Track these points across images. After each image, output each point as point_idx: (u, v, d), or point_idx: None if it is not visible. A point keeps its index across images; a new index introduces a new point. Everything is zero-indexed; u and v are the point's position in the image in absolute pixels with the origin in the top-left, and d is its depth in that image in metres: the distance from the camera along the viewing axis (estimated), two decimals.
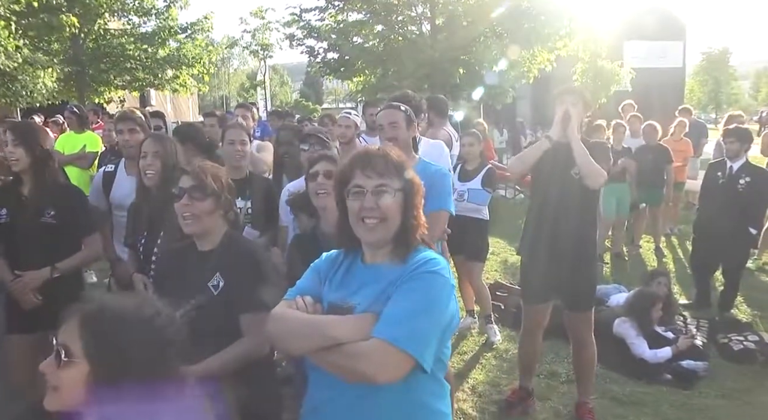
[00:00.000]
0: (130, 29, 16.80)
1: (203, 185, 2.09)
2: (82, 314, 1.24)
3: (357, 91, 17.09)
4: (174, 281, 2.16)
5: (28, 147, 2.94)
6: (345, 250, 1.73)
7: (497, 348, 4.87)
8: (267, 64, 28.13)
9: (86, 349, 1.21)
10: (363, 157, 1.64)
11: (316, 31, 15.24)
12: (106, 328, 1.23)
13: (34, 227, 2.92)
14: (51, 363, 1.22)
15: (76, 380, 1.21)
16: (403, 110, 2.92)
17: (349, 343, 1.46)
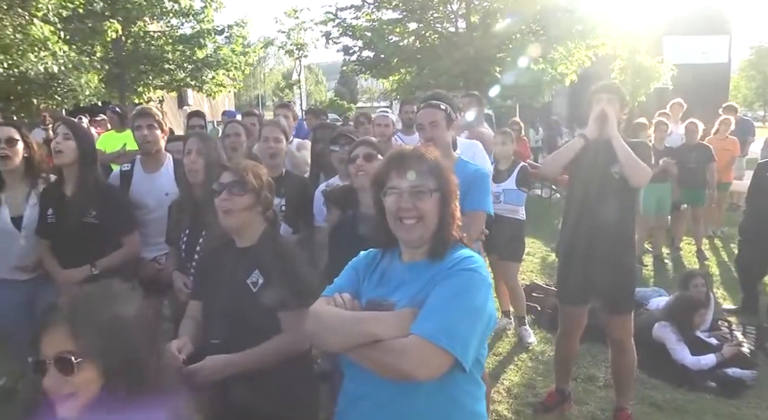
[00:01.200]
0: (168, 31, 17.20)
1: (243, 181, 2.12)
2: (70, 316, 1.24)
3: (392, 89, 17.08)
4: (213, 278, 2.19)
5: (79, 143, 3.04)
6: (383, 249, 1.74)
7: (533, 349, 4.80)
8: (302, 63, 28.36)
9: (90, 346, 1.22)
10: (398, 157, 1.66)
11: (352, 29, 15.27)
12: (98, 320, 1.26)
13: (77, 226, 3.00)
14: (56, 376, 1.21)
15: (90, 379, 1.24)
16: (443, 109, 2.90)
17: (388, 340, 1.46)
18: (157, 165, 3.44)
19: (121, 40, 15.87)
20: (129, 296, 1.37)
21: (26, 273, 3.21)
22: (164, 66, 16.60)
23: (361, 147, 2.70)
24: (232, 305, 2.06)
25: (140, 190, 3.39)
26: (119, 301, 1.33)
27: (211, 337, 2.06)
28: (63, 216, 3.03)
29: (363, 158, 2.62)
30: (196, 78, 17.00)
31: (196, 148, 2.85)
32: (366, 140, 2.80)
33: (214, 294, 2.13)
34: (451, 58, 13.97)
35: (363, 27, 15.16)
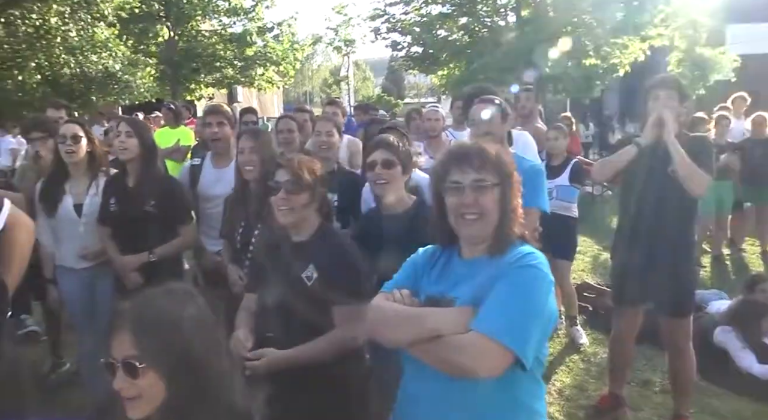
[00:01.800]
0: (219, 30, 17.60)
1: (299, 179, 2.13)
2: (131, 323, 1.26)
3: (440, 85, 16.98)
4: (267, 271, 2.21)
5: (141, 139, 3.19)
6: (442, 245, 1.72)
7: (584, 351, 4.67)
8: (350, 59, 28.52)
9: (152, 354, 1.25)
10: (459, 152, 1.63)
11: (400, 24, 15.24)
12: (157, 328, 1.27)
13: (137, 215, 3.13)
14: (123, 379, 1.24)
15: (155, 384, 1.26)
16: (498, 104, 2.84)
17: (449, 336, 1.45)
18: (226, 160, 3.52)
19: (174, 40, 16.36)
20: (191, 300, 1.37)
21: (87, 261, 3.37)
22: (215, 64, 16.99)
23: (379, 151, 2.57)
24: (287, 299, 2.07)
25: (209, 184, 3.48)
26: (181, 306, 1.33)
27: (266, 330, 2.08)
28: (124, 205, 3.18)
29: (382, 165, 2.53)
30: (246, 75, 17.33)
31: (249, 147, 2.88)
32: (384, 142, 2.61)
33: (269, 287, 2.15)
34: (501, 53, 13.76)
35: (412, 22, 15.10)
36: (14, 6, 10.82)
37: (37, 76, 11.18)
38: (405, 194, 2.59)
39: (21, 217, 2.06)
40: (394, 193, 2.53)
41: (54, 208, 3.33)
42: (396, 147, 2.57)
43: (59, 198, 3.34)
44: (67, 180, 3.38)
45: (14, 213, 2.00)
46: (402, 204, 2.56)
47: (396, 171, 2.52)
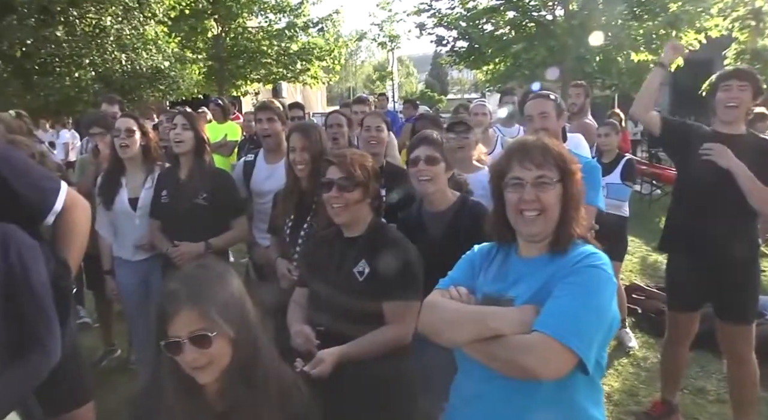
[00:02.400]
0: (266, 26, 17.85)
1: (351, 176, 2.11)
2: (191, 299, 1.36)
3: (486, 80, 16.77)
4: (320, 266, 2.21)
5: (195, 132, 3.26)
6: (499, 243, 1.68)
7: (634, 355, 4.53)
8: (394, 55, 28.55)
9: (218, 320, 1.36)
10: (520, 148, 1.59)
11: (446, 19, 15.10)
12: (217, 296, 1.39)
13: (189, 208, 3.19)
14: (194, 351, 1.35)
15: (224, 348, 1.38)
16: (553, 99, 2.78)
17: (509, 336, 1.42)
18: (279, 156, 3.52)
19: (221, 36, 16.69)
20: (231, 273, 1.48)
21: (142, 253, 3.47)
22: (261, 60, 17.24)
23: (422, 147, 2.52)
24: (338, 294, 2.07)
25: (261, 180, 3.51)
26: (226, 275, 1.45)
27: (316, 324, 2.08)
28: (176, 198, 3.24)
29: (425, 162, 2.48)
30: (291, 70, 17.54)
31: (300, 145, 2.87)
32: (428, 138, 2.56)
33: (321, 282, 2.15)
34: (548, 48, 13.47)
35: (457, 16, 14.93)
36: (73, 7, 11.27)
37: (91, 73, 11.60)
38: (448, 190, 2.55)
39: (78, 198, 2.09)
40: (437, 189, 2.49)
41: (111, 202, 3.42)
42: (439, 143, 2.54)
43: (116, 191, 3.44)
44: (123, 174, 3.47)
45: (72, 194, 2.04)
46: (445, 201, 2.52)
47: (439, 167, 2.48)
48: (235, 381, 1.39)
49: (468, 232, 2.08)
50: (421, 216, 2.57)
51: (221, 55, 16.82)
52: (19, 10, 10.62)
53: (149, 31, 12.50)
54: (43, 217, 1.93)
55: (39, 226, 1.96)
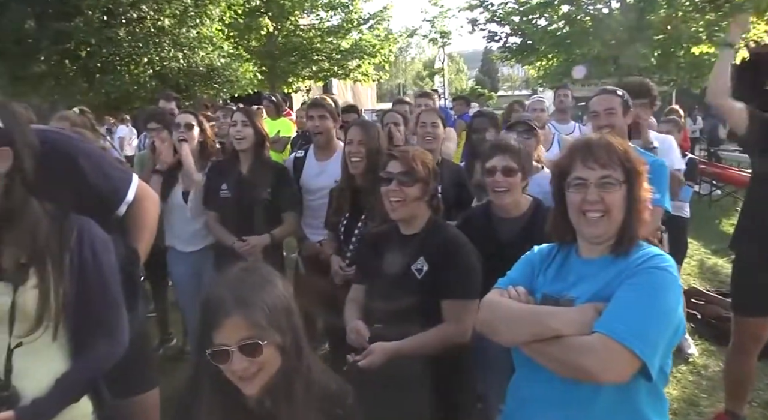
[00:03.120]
0: (317, 24, 18.06)
1: (412, 171, 2.10)
2: (239, 307, 1.30)
3: (538, 76, 16.45)
4: (377, 263, 2.21)
5: (255, 129, 3.32)
6: (559, 243, 1.65)
7: (693, 362, 4.35)
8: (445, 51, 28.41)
9: (267, 327, 1.31)
10: (584, 147, 1.54)
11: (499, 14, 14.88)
12: (266, 303, 1.33)
13: (251, 202, 3.25)
14: (243, 360, 1.29)
15: (273, 355, 1.34)
16: (620, 95, 2.70)
17: (570, 337, 1.38)
18: (329, 153, 3.57)
19: (273, 34, 16.98)
20: (277, 276, 1.44)
21: (194, 244, 3.56)
22: (312, 57, 17.45)
23: (499, 156, 2.44)
24: (396, 291, 2.07)
25: (311, 176, 3.54)
26: (272, 281, 1.40)
27: (374, 322, 2.09)
28: (239, 192, 3.30)
29: (502, 172, 2.41)
30: (342, 67, 17.69)
31: (357, 139, 2.88)
32: (506, 146, 2.47)
33: (378, 279, 2.16)
34: (603, 43, 13.08)
35: (510, 12, 14.69)
36: (134, 9, 11.73)
37: (149, 71, 12.04)
38: (521, 197, 2.49)
39: (148, 190, 2.15)
40: (512, 200, 2.43)
41: (167, 195, 3.52)
42: (517, 151, 2.45)
43: (172, 185, 3.54)
44: (180, 168, 3.56)
45: (143, 186, 2.10)
46: (518, 208, 2.47)
47: (516, 178, 2.41)
48: (279, 388, 1.36)
49: (543, 238, 2.05)
50: (489, 219, 2.51)
51: (274, 52, 17.10)
52: (85, 13, 11.12)
53: (205, 31, 12.86)
54: (116, 208, 1.98)
55: (111, 216, 2.01)
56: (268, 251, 3.27)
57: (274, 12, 16.39)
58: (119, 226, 2.04)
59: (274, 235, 3.29)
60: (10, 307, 1.46)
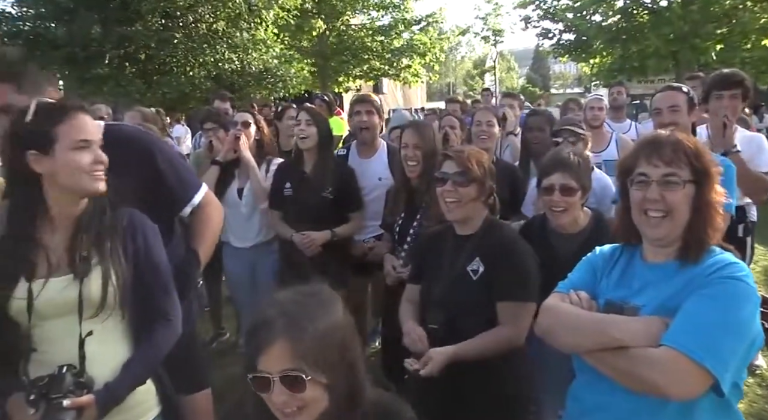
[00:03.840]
0: (369, 23, 18.18)
1: (467, 171, 2.07)
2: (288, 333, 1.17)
3: (591, 73, 16.06)
4: (432, 263, 2.18)
5: (319, 128, 3.29)
6: (622, 245, 1.58)
7: (761, 374, 4.12)
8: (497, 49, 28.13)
9: (315, 362, 1.17)
10: (650, 143, 1.47)
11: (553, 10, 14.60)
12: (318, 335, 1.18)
13: (316, 201, 3.24)
14: (284, 392, 1.16)
15: (319, 396, 1.19)
16: (685, 92, 2.59)
17: (636, 348, 1.32)
18: (372, 151, 3.56)
19: (325, 35, 17.20)
20: (337, 302, 1.28)
21: (249, 240, 3.63)
22: (363, 56, 17.58)
23: (557, 174, 2.30)
24: (451, 292, 2.04)
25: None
26: (333, 310, 1.25)
27: (429, 323, 2.06)
28: (302, 191, 3.31)
29: (560, 192, 2.28)
30: (392, 66, 17.76)
31: (413, 143, 2.85)
32: (565, 163, 2.31)
33: (433, 279, 2.13)
34: (661, 37, 12.62)
35: (564, 8, 14.38)
36: (191, 12, 12.14)
37: (203, 72, 12.40)
38: (580, 214, 2.38)
39: (214, 198, 2.24)
40: (570, 219, 2.34)
41: (224, 192, 3.59)
42: (576, 168, 2.30)
43: (228, 182, 3.61)
44: (237, 165, 3.64)
45: (209, 193, 2.20)
46: (577, 225, 2.37)
47: (575, 198, 2.29)
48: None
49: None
50: (546, 234, 2.43)
51: (325, 52, 17.31)
52: (145, 18, 11.58)
53: (258, 34, 13.17)
54: (180, 209, 2.08)
55: (175, 216, 2.12)
56: (334, 249, 3.27)
57: (325, 12, 16.59)
58: (183, 228, 2.11)
59: (336, 232, 3.26)
60: (78, 298, 1.54)
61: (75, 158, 1.54)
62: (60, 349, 1.54)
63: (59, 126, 1.52)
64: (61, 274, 1.55)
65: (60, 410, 1.42)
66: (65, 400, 1.43)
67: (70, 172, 1.54)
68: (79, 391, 1.47)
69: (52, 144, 1.52)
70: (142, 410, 1.69)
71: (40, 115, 1.52)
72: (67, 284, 1.54)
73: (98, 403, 1.49)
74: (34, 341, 1.55)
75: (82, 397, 1.47)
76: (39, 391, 1.44)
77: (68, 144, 1.53)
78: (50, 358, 1.52)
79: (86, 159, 1.56)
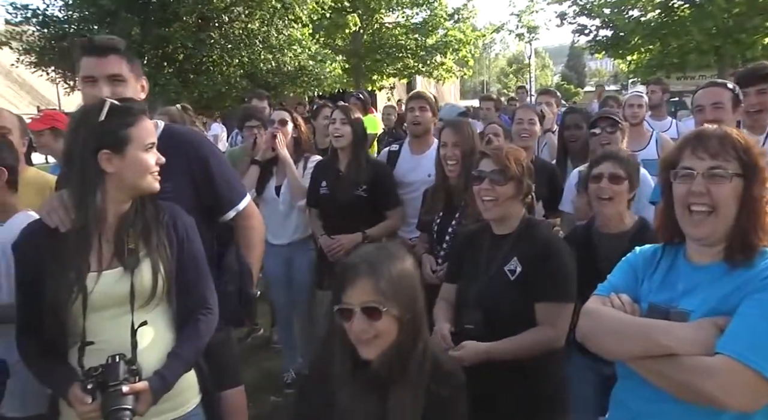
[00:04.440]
0: (402, 21, 18.20)
1: (505, 169, 2.04)
2: (371, 271, 1.40)
3: (629, 71, 15.73)
4: (467, 262, 2.17)
5: (353, 127, 3.34)
6: (663, 246, 1.51)
7: None
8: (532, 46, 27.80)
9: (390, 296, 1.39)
10: (696, 136, 1.41)
11: (589, 7, 14.34)
12: (396, 275, 1.42)
13: (349, 199, 3.28)
14: (364, 321, 1.39)
15: (390, 326, 1.40)
16: (730, 88, 2.53)
17: (686, 356, 1.26)
18: (424, 147, 3.56)
19: (359, 33, 17.27)
20: (409, 258, 1.51)
21: (285, 237, 3.68)
22: (397, 54, 17.60)
23: (607, 163, 2.35)
24: (488, 292, 2.02)
25: (405, 170, 3.55)
26: (403, 259, 1.48)
27: (465, 322, 2.04)
28: (336, 189, 3.35)
29: (608, 179, 2.31)
30: (426, 63, 17.74)
31: (452, 141, 2.85)
32: (614, 154, 2.38)
33: (470, 279, 2.11)
34: (703, 31, 12.25)
35: (601, 4, 14.10)
36: (227, 13, 12.34)
37: (239, 72, 12.59)
38: (627, 213, 2.37)
39: (256, 210, 2.33)
40: (616, 211, 2.33)
41: (262, 189, 3.67)
42: (625, 160, 2.35)
43: (267, 179, 3.68)
44: (275, 163, 3.70)
45: (252, 204, 2.28)
46: (622, 224, 2.35)
47: (622, 187, 2.31)
48: (394, 362, 1.42)
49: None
50: (590, 235, 2.41)
51: (359, 50, 17.39)
52: (182, 19, 11.84)
53: (294, 33, 13.30)
54: (225, 211, 2.16)
55: (218, 218, 2.17)
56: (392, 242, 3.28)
57: (360, 9, 16.66)
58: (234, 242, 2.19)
59: (369, 233, 3.29)
60: (129, 289, 1.61)
61: (143, 159, 1.64)
62: (111, 339, 1.61)
63: (132, 128, 1.61)
64: (112, 267, 1.63)
65: (119, 397, 1.49)
66: (123, 387, 1.49)
67: (138, 172, 1.63)
68: (132, 378, 1.54)
69: (125, 145, 1.60)
70: (186, 398, 1.76)
71: (114, 117, 1.60)
72: (119, 277, 1.62)
73: (152, 389, 1.57)
74: (88, 333, 1.62)
75: (138, 383, 1.54)
76: (96, 381, 1.50)
77: (139, 145, 1.62)
78: (102, 349, 1.59)
79: (152, 160, 1.66)
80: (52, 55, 12.79)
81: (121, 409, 1.47)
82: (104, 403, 1.48)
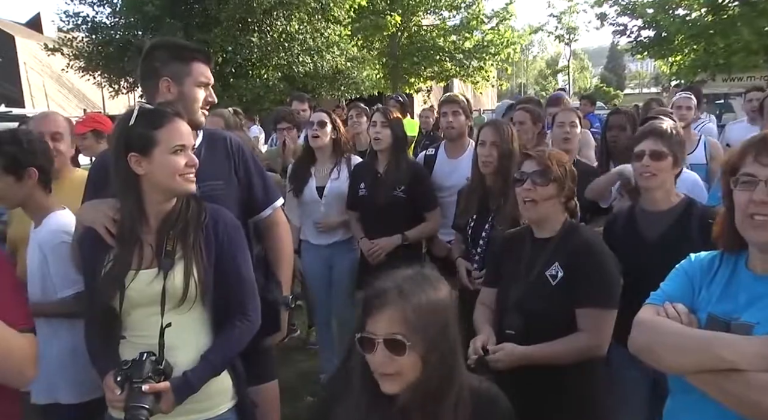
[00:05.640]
0: (440, 24, 18.17)
1: (547, 170, 2.01)
2: (401, 302, 1.29)
3: (671, 72, 15.33)
4: (509, 267, 2.13)
5: (393, 130, 3.37)
6: (721, 253, 1.43)
7: None
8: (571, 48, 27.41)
9: (418, 331, 1.27)
10: (759, 140, 1.33)
11: (631, 6, 14.03)
12: (426, 309, 1.29)
13: (387, 200, 3.30)
14: (386, 355, 1.28)
15: (415, 363, 1.29)
16: None
17: (753, 372, 1.18)
18: (460, 150, 3.56)
19: (397, 35, 17.32)
20: (446, 286, 1.39)
21: (327, 238, 3.69)
22: (435, 57, 17.59)
23: (648, 140, 2.29)
24: (529, 297, 1.98)
25: (442, 174, 3.55)
26: (442, 290, 1.36)
27: (506, 327, 2.00)
28: (375, 190, 3.37)
29: (650, 156, 2.25)
30: (464, 67, 17.68)
31: (490, 140, 2.82)
32: (656, 130, 2.32)
33: (510, 284, 2.07)
34: (754, 30, 11.82)
35: (644, 4, 13.78)
36: (266, 16, 12.56)
37: (277, 74, 12.77)
38: (674, 190, 2.32)
39: (284, 217, 2.36)
40: (659, 187, 2.27)
41: (301, 190, 3.68)
42: (669, 136, 2.28)
43: (306, 180, 3.69)
44: (313, 164, 3.72)
45: (280, 211, 2.32)
46: (668, 201, 2.28)
47: (665, 163, 2.24)
48: (422, 397, 1.31)
49: (694, 240, 1.88)
50: (633, 214, 2.36)
51: (396, 53, 17.43)
52: (223, 23, 12.11)
53: (332, 36, 13.42)
54: (261, 209, 2.22)
55: (253, 215, 2.22)
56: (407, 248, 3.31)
57: (398, 13, 16.71)
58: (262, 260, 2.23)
59: (408, 235, 3.31)
60: (161, 291, 1.64)
61: (171, 161, 1.65)
62: (145, 336, 1.66)
63: (159, 130, 1.64)
64: (149, 268, 1.66)
65: (139, 394, 1.52)
66: (144, 385, 1.53)
67: (166, 174, 1.65)
68: (157, 377, 1.57)
69: (152, 147, 1.63)
70: (216, 402, 1.76)
71: (143, 120, 1.64)
72: (154, 277, 1.65)
73: (174, 390, 1.58)
74: (125, 327, 1.68)
75: (159, 383, 1.56)
76: (125, 374, 1.55)
77: (166, 148, 1.64)
78: (137, 344, 1.65)
79: (181, 162, 1.66)
80: (99, 60, 13.25)
81: (139, 407, 1.50)
82: (127, 398, 1.53)
